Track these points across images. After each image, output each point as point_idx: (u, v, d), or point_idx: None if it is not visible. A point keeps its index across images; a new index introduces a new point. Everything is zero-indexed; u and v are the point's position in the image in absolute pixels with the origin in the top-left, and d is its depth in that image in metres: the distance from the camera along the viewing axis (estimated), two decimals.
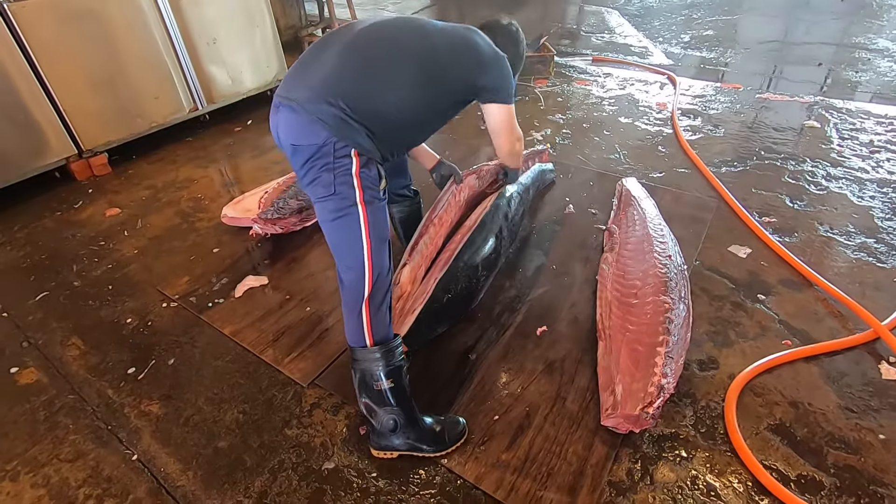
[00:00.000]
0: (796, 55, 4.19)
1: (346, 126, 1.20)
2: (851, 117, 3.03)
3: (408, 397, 1.32)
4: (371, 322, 1.27)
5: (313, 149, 1.21)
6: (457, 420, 1.39)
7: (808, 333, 1.66)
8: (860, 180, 2.43)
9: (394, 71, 1.27)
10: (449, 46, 1.34)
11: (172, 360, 1.67)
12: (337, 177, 1.22)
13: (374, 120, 1.24)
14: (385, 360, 1.27)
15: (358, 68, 1.25)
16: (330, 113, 1.19)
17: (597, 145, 2.89)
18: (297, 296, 1.90)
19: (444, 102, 1.41)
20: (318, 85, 1.22)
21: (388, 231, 1.35)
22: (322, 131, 1.19)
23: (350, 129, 1.21)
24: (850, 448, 1.33)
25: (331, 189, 1.23)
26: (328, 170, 1.22)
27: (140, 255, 2.18)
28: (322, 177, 1.23)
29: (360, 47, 1.28)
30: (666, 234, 1.89)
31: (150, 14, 2.75)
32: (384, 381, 1.27)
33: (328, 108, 1.19)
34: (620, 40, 4.79)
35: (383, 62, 1.27)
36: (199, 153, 3.04)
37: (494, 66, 1.39)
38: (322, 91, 1.21)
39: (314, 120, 1.19)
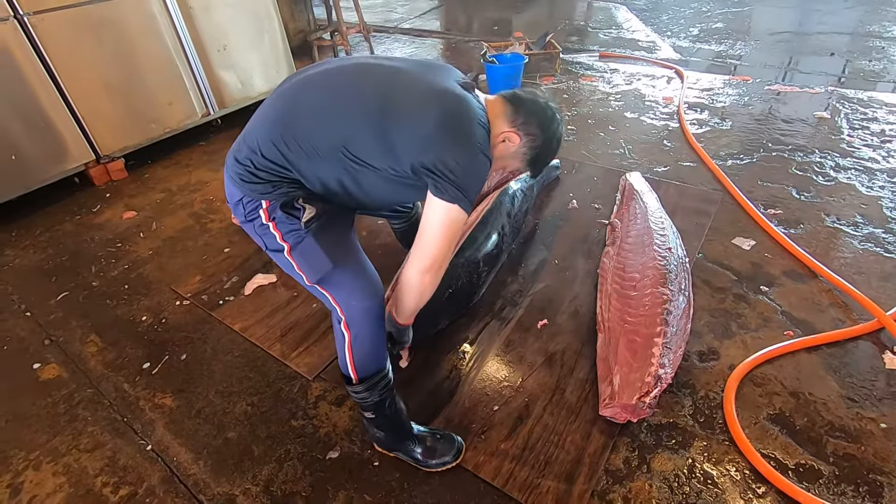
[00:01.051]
0: (809, 46, 4.12)
1: (253, 182, 1.14)
2: (863, 107, 2.99)
3: (394, 422, 1.31)
4: (355, 360, 1.23)
5: (235, 208, 1.20)
6: (453, 439, 1.34)
7: (811, 324, 1.65)
8: (870, 170, 2.40)
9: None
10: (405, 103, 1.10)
11: (185, 356, 1.74)
12: (260, 234, 1.19)
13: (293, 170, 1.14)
14: (367, 395, 1.25)
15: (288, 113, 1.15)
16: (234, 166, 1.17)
17: (602, 141, 2.90)
18: (304, 293, 1.95)
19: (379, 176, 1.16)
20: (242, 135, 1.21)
21: (339, 254, 1.20)
22: (232, 187, 1.19)
23: (259, 183, 1.14)
24: (851, 437, 1.33)
25: (263, 246, 1.22)
26: (251, 228, 1.20)
27: (155, 255, 2.26)
28: (252, 234, 1.22)
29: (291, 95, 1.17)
30: (667, 227, 1.89)
31: (162, 22, 2.84)
32: (367, 412, 1.30)
33: (233, 163, 1.18)
34: (628, 35, 4.76)
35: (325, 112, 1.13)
36: (211, 157, 3.12)
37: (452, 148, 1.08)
38: (237, 143, 1.21)
39: (229, 178, 1.20)
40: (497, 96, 1.24)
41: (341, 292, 1.19)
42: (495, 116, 1.20)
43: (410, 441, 1.33)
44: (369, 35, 4.48)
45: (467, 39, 4.92)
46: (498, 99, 1.23)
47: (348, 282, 1.20)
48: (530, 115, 1.20)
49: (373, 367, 1.25)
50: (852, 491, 1.21)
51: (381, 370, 1.27)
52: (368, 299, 1.19)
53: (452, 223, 1.11)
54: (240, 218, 1.21)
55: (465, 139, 1.09)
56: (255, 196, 1.15)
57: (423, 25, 5.66)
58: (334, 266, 1.18)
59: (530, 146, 1.22)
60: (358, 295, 1.19)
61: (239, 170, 1.15)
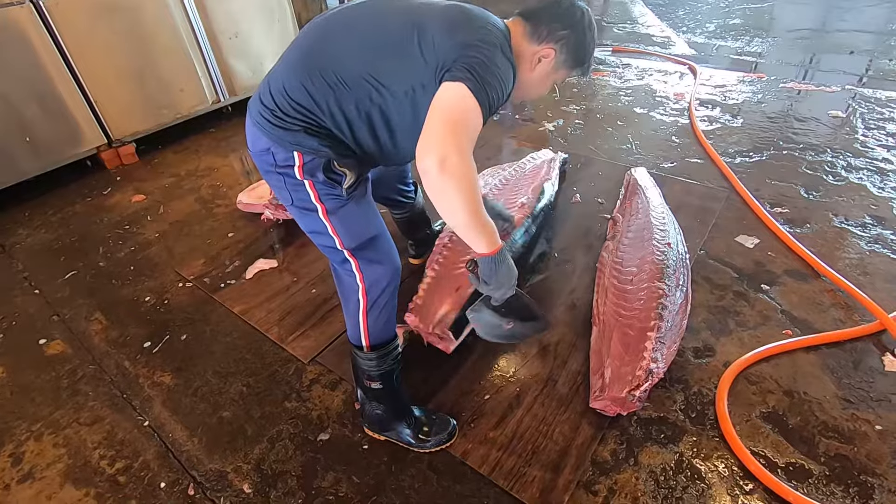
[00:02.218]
0: (828, 44, 4.03)
1: (283, 127, 1.05)
2: (880, 107, 2.92)
3: (397, 397, 1.34)
4: (369, 329, 1.25)
5: (260, 156, 1.12)
6: (447, 420, 1.37)
7: (811, 324, 1.63)
8: (882, 171, 2.35)
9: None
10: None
11: (185, 336, 1.77)
12: (290, 188, 1.12)
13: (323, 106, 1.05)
14: (378, 363, 1.27)
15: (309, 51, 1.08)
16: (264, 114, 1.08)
17: (609, 136, 2.87)
18: (304, 278, 1.98)
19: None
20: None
21: (375, 224, 1.20)
22: (257, 134, 1.10)
23: (288, 130, 1.05)
24: (844, 438, 1.31)
25: (289, 201, 1.15)
26: (279, 180, 1.12)
27: (161, 238, 2.30)
28: (277, 187, 1.15)
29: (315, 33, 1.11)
30: (668, 223, 1.87)
31: (175, 10, 2.87)
32: (374, 382, 1.30)
33: (259, 107, 1.09)
34: (643, 30, 4.70)
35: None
36: (220, 143, 3.16)
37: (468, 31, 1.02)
38: (262, 87, 1.12)
39: (253, 123, 1.11)
40: (514, 18, 1.16)
41: (369, 259, 1.18)
42: (520, 40, 1.13)
43: (405, 421, 1.35)
44: None
45: None
46: (515, 20, 1.16)
47: (378, 249, 1.19)
48: (552, 22, 1.12)
49: (385, 335, 1.28)
50: (842, 492, 1.20)
51: (392, 339, 1.30)
52: (391, 267, 1.22)
53: (460, 101, 0.94)
54: (264, 167, 1.13)
55: (484, 36, 1.01)
56: (286, 147, 1.06)
57: None
58: (374, 234, 1.18)
59: (566, 49, 1.14)
60: (385, 262, 1.20)
61: (266, 115, 1.07)
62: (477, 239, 1.02)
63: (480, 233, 1.01)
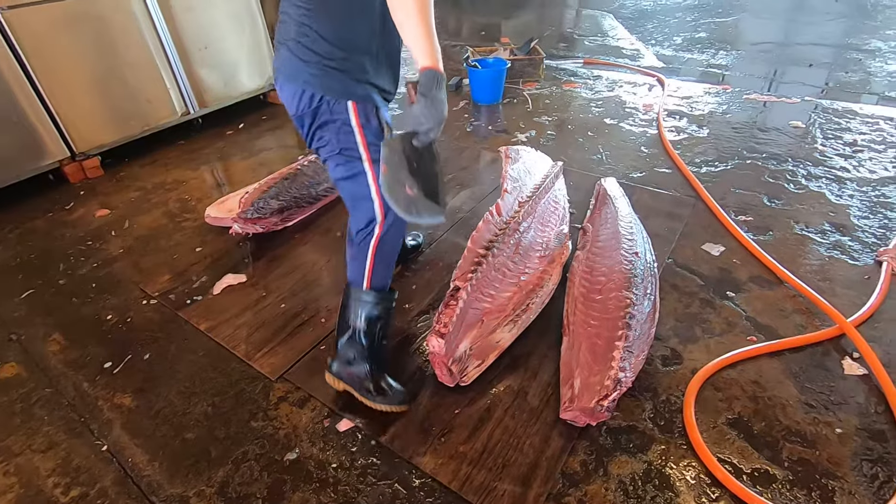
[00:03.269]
0: (790, 56, 4.18)
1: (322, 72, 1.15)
2: (837, 117, 3.03)
3: (373, 345, 1.44)
4: (374, 269, 1.38)
5: (299, 107, 1.22)
6: (404, 397, 1.46)
7: (775, 330, 1.66)
8: (840, 179, 2.43)
9: None
10: None
11: (148, 356, 1.72)
12: (337, 131, 1.23)
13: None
14: (371, 305, 1.40)
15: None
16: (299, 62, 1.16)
17: (580, 146, 2.92)
18: (274, 293, 1.94)
19: None
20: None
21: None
22: (301, 87, 1.19)
23: (330, 73, 1.16)
24: (807, 442, 1.34)
25: (331, 142, 1.26)
26: (326, 126, 1.24)
27: (125, 254, 2.24)
28: (322, 137, 1.26)
29: None
30: (636, 232, 1.90)
31: (142, 21, 2.82)
32: (361, 321, 1.39)
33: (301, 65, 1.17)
34: (613, 43, 4.81)
35: None
36: (190, 156, 3.10)
37: None
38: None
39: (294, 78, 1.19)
40: None
41: (389, 210, 1.27)
42: None
43: (371, 372, 1.43)
44: None
45: (454, 44, 4.94)
46: None
47: None
48: None
49: (384, 281, 1.43)
50: (805, 496, 1.22)
51: (387, 288, 1.46)
52: (403, 225, 1.39)
53: None
54: (310, 119, 1.23)
55: None
56: (337, 97, 1.18)
57: None
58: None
59: None
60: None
61: (312, 70, 1.16)
62: (427, 45, 1.03)
63: (432, 41, 1.03)
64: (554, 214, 2.05)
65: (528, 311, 1.70)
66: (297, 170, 2.41)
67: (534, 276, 1.76)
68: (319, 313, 1.84)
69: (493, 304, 1.63)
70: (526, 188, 2.06)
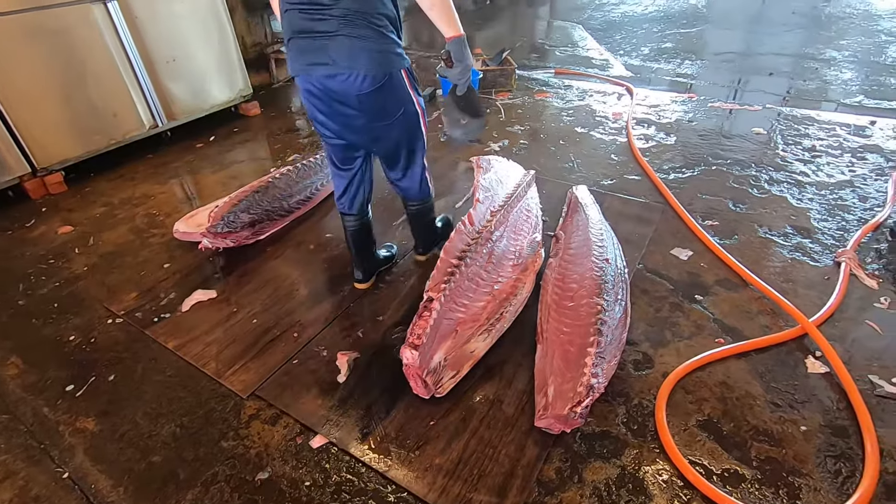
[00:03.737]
0: (751, 66, 4.33)
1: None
2: (797, 124, 3.15)
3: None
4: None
5: (372, 87, 1.47)
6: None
7: (741, 331, 1.71)
8: (800, 183, 2.52)
9: None
10: None
11: (113, 377, 1.66)
12: (402, 96, 1.55)
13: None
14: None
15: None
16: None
17: (552, 155, 2.96)
18: (245, 308, 1.91)
19: None
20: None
21: None
22: (376, 69, 1.44)
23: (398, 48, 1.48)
24: (773, 440, 1.37)
25: (399, 107, 1.56)
26: (395, 96, 1.54)
27: (89, 272, 2.17)
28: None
29: None
30: (606, 239, 1.93)
31: (106, 33, 2.77)
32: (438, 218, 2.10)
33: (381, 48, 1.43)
34: (583, 53, 4.91)
35: None
36: (158, 169, 3.03)
37: None
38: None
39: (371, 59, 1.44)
40: None
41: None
42: None
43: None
44: None
45: (428, 55, 4.98)
46: None
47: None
48: None
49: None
50: (772, 494, 1.25)
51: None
52: None
53: None
54: (382, 97, 1.49)
55: None
56: (400, 66, 1.49)
57: None
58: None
59: None
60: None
61: (392, 47, 1.44)
62: (451, 19, 1.42)
63: (453, 16, 1.42)
64: (526, 223, 2.07)
65: (503, 319, 1.71)
66: (269, 182, 2.39)
67: (507, 284, 1.77)
68: (292, 328, 1.81)
69: (467, 313, 1.63)
70: (498, 197, 2.08)
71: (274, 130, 3.52)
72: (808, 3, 6.00)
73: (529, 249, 1.95)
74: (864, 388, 1.48)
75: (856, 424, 1.38)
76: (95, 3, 2.68)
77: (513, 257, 1.87)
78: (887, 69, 3.97)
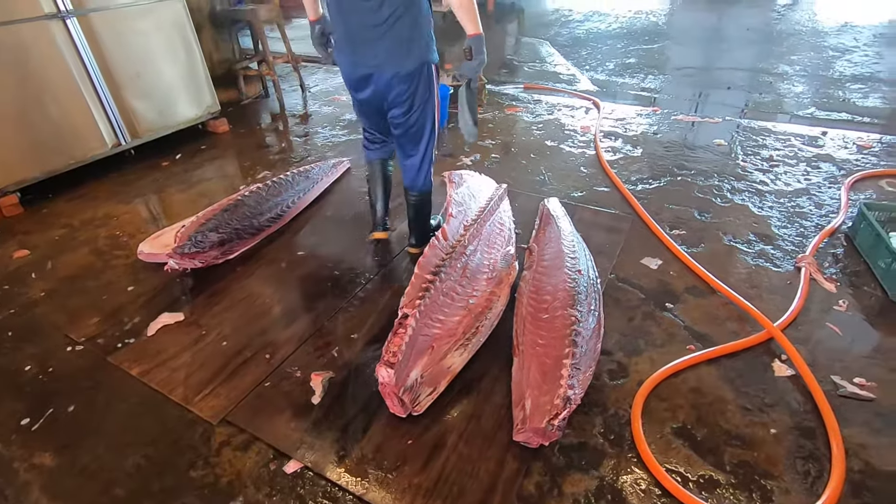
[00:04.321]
0: (710, 80, 4.52)
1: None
2: (755, 135, 3.29)
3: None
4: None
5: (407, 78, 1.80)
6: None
7: (711, 337, 1.75)
8: (761, 192, 2.62)
9: None
10: None
11: (72, 408, 1.58)
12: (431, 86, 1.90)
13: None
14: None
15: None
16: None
17: (523, 168, 3.00)
18: (214, 330, 1.85)
19: None
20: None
21: None
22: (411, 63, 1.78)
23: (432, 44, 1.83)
24: (746, 444, 1.40)
25: (424, 97, 1.88)
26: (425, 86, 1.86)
27: (47, 297, 2.07)
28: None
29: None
30: (578, 250, 1.96)
31: (65, 49, 2.69)
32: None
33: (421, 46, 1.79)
34: (551, 69, 5.03)
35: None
36: (122, 189, 2.94)
37: None
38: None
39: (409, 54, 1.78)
40: None
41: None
42: None
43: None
44: (298, 66, 4.46)
45: None
46: None
47: None
48: None
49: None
50: (746, 497, 1.27)
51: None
52: None
53: None
54: (417, 86, 1.82)
55: None
56: (432, 59, 1.82)
57: None
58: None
59: None
60: None
61: (429, 42, 1.80)
62: (475, 18, 1.68)
63: (477, 15, 1.68)
64: (500, 236, 2.09)
65: (479, 333, 1.70)
66: (239, 200, 2.34)
67: (482, 298, 1.77)
68: (264, 349, 1.76)
69: (442, 328, 1.62)
70: (471, 211, 2.09)
71: (243, 147, 3.47)
72: (761, 20, 6.31)
73: (503, 262, 1.96)
74: (828, 389, 1.53)
75: (822, 425, 1.43)
76: (53, 19, 2.60)
77: (487, 271, 1.88)
78: (835, 83, 4.20)
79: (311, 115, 4.02)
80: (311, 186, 2.69)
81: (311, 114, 4.05)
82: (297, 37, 6.71)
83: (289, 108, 4.18)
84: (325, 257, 2.25)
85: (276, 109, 4.18)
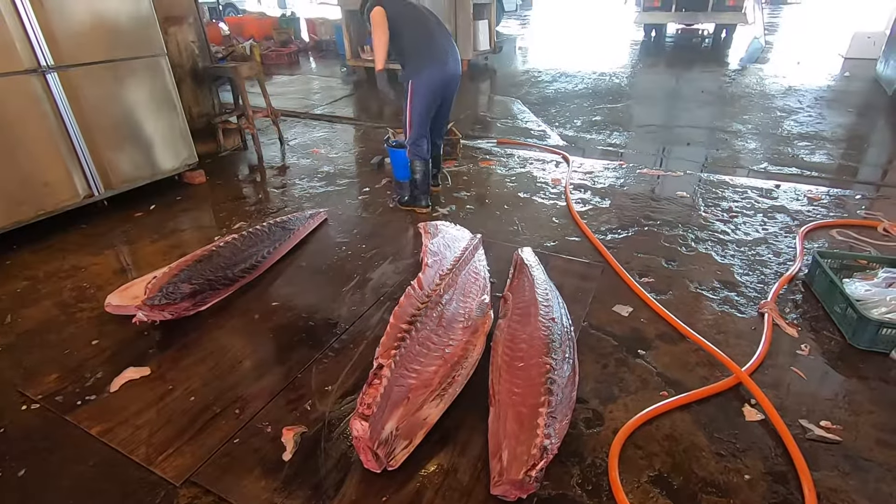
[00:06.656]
0: (671, 137, 4.81)
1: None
2: (715, 188, 3.48)
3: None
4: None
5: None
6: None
7: (683, 383, 1.78)
8: (722, 241, 2.75)
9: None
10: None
11: (23, 472, 1.48)
12: None
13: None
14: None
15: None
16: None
17: (497, 219, 3.09)
18: (182, 385, 1.79)
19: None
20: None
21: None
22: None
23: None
24: (721, 491, 1.40)
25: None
26: None
27: (4, 353, 1.98)
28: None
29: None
30: (552, 298, 2.00)
31: (42, 102, 2.71)
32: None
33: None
34: (522, 125, 5.28)
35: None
36: (91, 240, 2.89)
37: None
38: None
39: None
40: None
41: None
42: None
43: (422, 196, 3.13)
44: (277, 119, 4.58)
45: (377, 126, 5.18)
46: None
47: None
48: None
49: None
50: None
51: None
52: None
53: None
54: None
55: None
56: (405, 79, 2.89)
57: (336, 112, 5.91)
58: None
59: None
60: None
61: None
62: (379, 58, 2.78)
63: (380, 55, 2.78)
64: (475, 285, 2.12)
65: (455, 383, 1.70)
66: (213, 251, 2.33)
67: (458, 347, 1.78)
68: (234, 403, 1.71)
69: (418, 379, 1.61)
70: (447, 261, 2.13)
71: (220, 198, 3.48)
72: (714, 83, 6.82)
73: (479, 311, 1.98)
74: (797, 433, 1.56)
75: (793, 470, 1.45)
76: (33, 74, 2.64)
77: (462, 320, 1.89)
78: (784, 140, 4.52)
79: (289, 167, 4.09)
80: (287, 237, 2.70)
81: (290, 166, 4.12)
82: (285, 92, 6.94)
83: (267, 160, 4.25)
84: (300, 308, 2.23)
85: (254, 161, 4.24)
